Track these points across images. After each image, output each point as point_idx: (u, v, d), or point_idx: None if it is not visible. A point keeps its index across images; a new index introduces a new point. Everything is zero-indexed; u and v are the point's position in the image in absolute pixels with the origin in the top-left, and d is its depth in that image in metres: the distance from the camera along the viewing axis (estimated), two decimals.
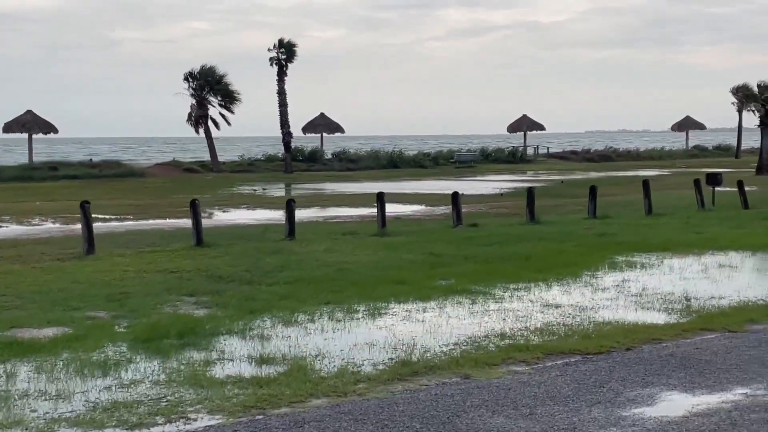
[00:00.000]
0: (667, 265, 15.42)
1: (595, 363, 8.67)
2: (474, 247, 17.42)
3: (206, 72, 60.65)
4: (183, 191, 43.30)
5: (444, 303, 11.94)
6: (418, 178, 58.18)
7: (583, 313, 11.33)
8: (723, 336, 9.86)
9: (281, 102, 61.00)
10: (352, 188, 46.39)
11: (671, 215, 24.35)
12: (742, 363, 8.48)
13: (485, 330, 10.30)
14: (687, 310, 11.41)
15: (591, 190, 24.15)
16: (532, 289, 13.07)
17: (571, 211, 27.41)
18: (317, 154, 69.31)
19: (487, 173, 64.39)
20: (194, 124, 60.67)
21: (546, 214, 26.69)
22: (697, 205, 26.27)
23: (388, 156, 71.08)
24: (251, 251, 16.68)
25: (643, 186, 25.38)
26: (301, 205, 34.72)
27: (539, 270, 14.60)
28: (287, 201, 19.60)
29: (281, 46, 60.45)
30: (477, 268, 14.77)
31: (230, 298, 12.00)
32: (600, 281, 13.76)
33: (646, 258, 16.24)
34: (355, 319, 10.91)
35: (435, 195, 40.45)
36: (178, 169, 59.46)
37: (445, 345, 9.58)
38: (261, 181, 53.65)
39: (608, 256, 16.28)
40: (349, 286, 13.02)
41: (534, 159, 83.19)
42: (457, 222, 21.49)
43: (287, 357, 8.95)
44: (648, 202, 24.97)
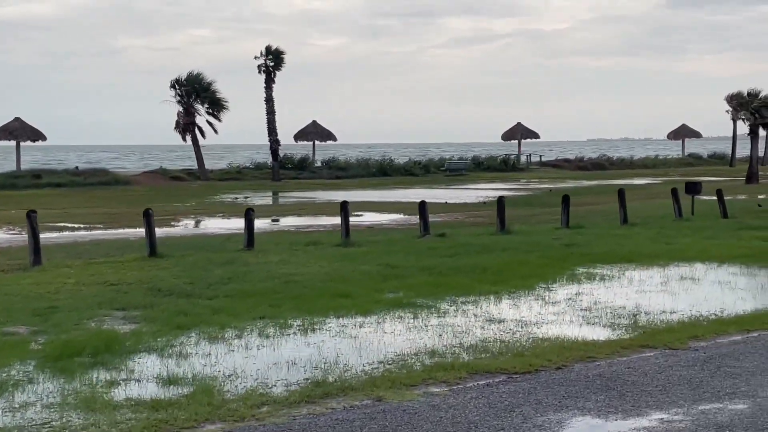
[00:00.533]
0: (627, 278, 14.99)
1: (518, 384, 8.23)
2: (434, 258, 17.00)
3: (193, 79, 60.25)
4: (164, 200, 42.92)
5: (384, 318, 11.51)
6: (407, 186, 57.77)
7: (525, 328, 10.90)
8: (661, 354, 9.43)
9: (269, 110, 60.61)
10: (336, 196, 45.95)
11: (646, 225, 23.91)
12: (669, 384, 8.04)
13: (418, 347, 9.87)
14: (633, 325, 10.99)
15: (564, 200, 23.72)
16: (481, 302, 12.64)
17: (548, 220, 27.00)
18: (307, 162, 68.92)
19: (477, 181, 64.01)
20: (181, 132, 60.26)
21: (522, 223, 26.32)
22: (674, 215, 25.84)
23: (378, 164, 70.67)
24: (202, 262, 16.25)
25: (619, 195, 24.96)
26: (277, 214, 34.40)
27: (494, 282, 14.17)
28: (246, 210, 19.18)
29: (269, 53, 60.08)
30: (431, 280, 14.34)
31: (161, 313, 11.57)
32: (553, 294, 13.33)
33: (608, 270, 15.82)
34: (285, 336, 10.48)
35: (415, 204, 40.05)
36: (165, 178, 59.03)
37: (370, 363, 9.15)
38: (247, 189, 53.26)
39: (570, 268, 15.86)
40: (290, 299, 12.59)
41: (526, 167, 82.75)
42: (424, 232, 21.06)
43: (198, 377, 8.51)
44: (623, 211, 24.54)
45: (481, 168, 77.01)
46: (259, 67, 60.12)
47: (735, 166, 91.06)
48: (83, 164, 78.42)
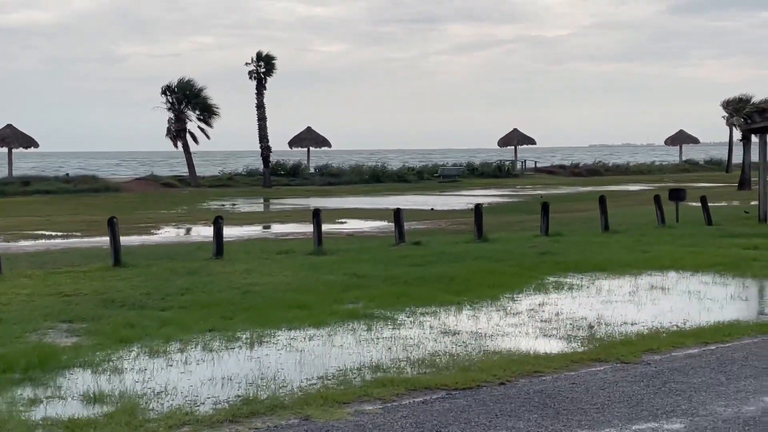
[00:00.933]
0: (596, 287, 14.69)
1: (454, 401, 7.93)
2: (403, 267, 16.70)
3: (184, 85, 60.03)
4: (151, 207, 42.66)
5: (336, 330, 11.21)
6: (399, 192, 57.49)
7: (479, 341, 10.60)
8: (611, 368, 9.12)
9: (260, 116, 60.35)
10: (325, 203, 45.67)
11: (627, 232, 23.61)
12: (609, 402, 7.74)
13: (363, 361, 9.57)
14: (590, 337, 10.68)
15: (543, 207, 23.41)
16: (440, 313, 12.34)
17: (530, 227, 26.65)
18: (299, 168, 68.67)
19: (469, 188, 63.72)
20: (172, 139, 60.00)
21: (504, 231, 26.03)
22: (657, 222, 25.53)
23: (371, 170, 70.40)
24: (165, 272, 15.95)
25: (600, 203, 24.65)
26: (261, 221, 34.09)
27: (458, 292, 13.88)
28: (215, 218, 18.88)
29: (260, 59, 59.84)
30: (394, 290, 14.03)
31: (107, 325, 11.27)
32: (516, 305, 13.03)
33: (579, 279, 15.52)
34: (230, 349, 10.17)
35: (406, 211, 39.72)
36: (156, 184, 58.76)
37: (309, 379, 8.85)
38: (238, 196, 53.00)
39: (540, 277, 15.57)
40: (245, 310, 12.29)
41: (521, 174, 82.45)
42: (399, 240, 20.76)
43: (125, 395, 8.21)
44: (604, 218, 24.25)
45: (475, 174, 76.72)
46: (250, 73, 59.90)
47: (731, 172, 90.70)
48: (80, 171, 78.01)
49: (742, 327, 11.23)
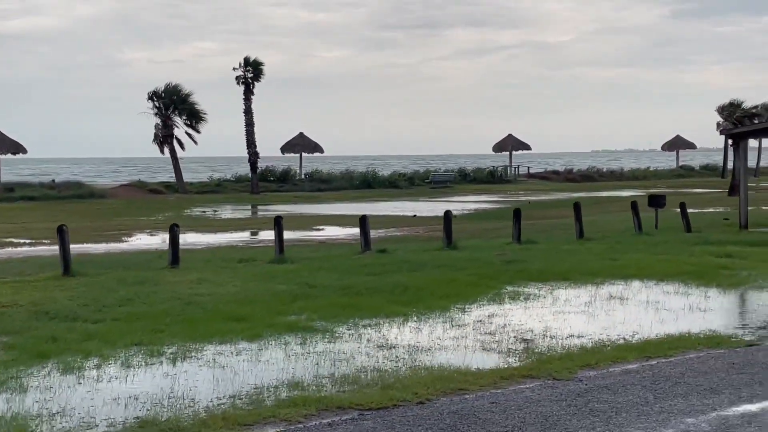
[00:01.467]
0: (554, 297, 14.23)
1: (362, 423, 7.48)
2: (360, 276, 16.24)
3: (171, 91, 59.63)
4: (133, 213, 42.25)
5: (269, 344, 10.75)
6: (388, 198, 57.10)
7: (414, 355, 10.14)
8: (540, 386, 8.66)
9: (248, 121, 59.94)
10: (309, 210, 45.29)
11: (602, 239, 23.16)
12: (521, 424, 7.28)
13: (285, 377, 9.11)
14: (530, 352, 10.22)
15: (515, 214, 22.97)
16: (383, 325, 11.89)
17: (506, 234, 26.16)
18: (289, 174, 68.26)
19: (460, 194, 63.31)
20: (159, 144, 59.59)
21: (478, 238, 25.60)
22: (634, 229, 25.08)
23: (362, 176, 69.97)
24: (112, 282, 15.49)
25: (574, 209, 24.20)
26: (238, 228, 33.62)
27: (409, 303, 13.43)
28: (170, 226, 18.44)
29: (247, 64, 59.45)
30: (343, 300, 13.57)
31: (30, 339, 10.81)
32: (465, 316, 12.57)
33: (538, 288, 15.06)
34: (149, 365, 9.72)
35: (386, 216, 39.38)
36: (143, 190, 58.35)
37: (220, 398, 8.39)
38: (224, 202, 52.59)
39: (498, 287, 15.12)
40: (181, 323, 11.84)
41: (514, 179, 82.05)
42: (365, 248, 20.30)
43: (18, 417, 7.75)
44: (579, 225, 23.79)
45: (467, 180, 76.35)
46: (238, 79, 59.46)
47: (726, 178, 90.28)
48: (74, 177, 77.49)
49: (692, 340, 10.78)
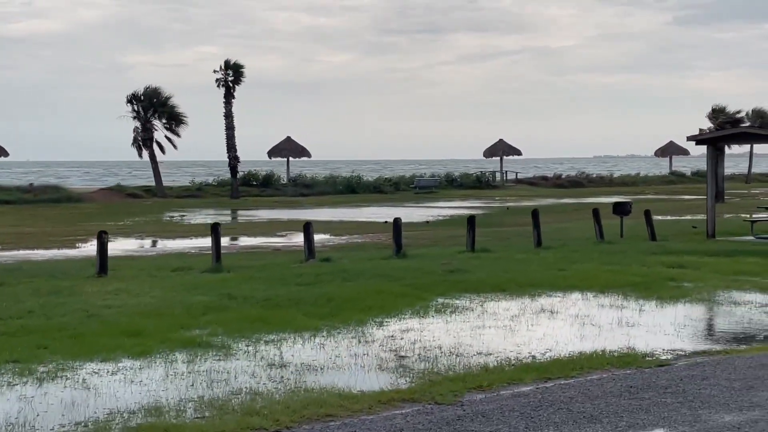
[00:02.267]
0: (482, 310, 13.59)
1: None
2: (290, 286, 15.58)
3: (151, 94, 59.00)
4: (102, 218, 41.60)
5: (153, 361, 10.10)
6: (369, 204, 56.41)
7: (302, 375, 9.50)
8: (416, 411, 8.01)
9: (228, 125, 59.28)
10: (283, 215, 44.65)
11: (559, 248, 22.50)
12: None
13: (148, 401, 8.47)
14: (425, 371, 9.57)
15: (469, 221, 22.31)
16: (286, 341, 11.24)
17: (463, 242, 25.58)
18: (272, 178, 67.60)
19: (444, 199, 62.68)
20: (138, 148, 58.94)
21: (437, 245, 24.93)
22: (596, 237, 24.45)
23: (346, 181, 69.31)
24: (25, 291, 14.84)
25: (532, 216, 23.56)
26: (196, 234, 32.90)
27: (326, 316, 12.79)
28: (98, 233, 17.78)
29: (227, 67, 58.82)
30: (257, 313, 12.92)
31: None
32: (378, 331, 11.92)
33: (469, 301, 14.42)
34: (12, 386, 9.06)
35: (357, 222, 38.75)
36: (121, 195, 57.70)
37: (64, 425, 7.76)
38: (201, 206, 51.92)
39: (429, 298, 14.47)
40: (70, 337, 11.19)
41: (502, 185, 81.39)
42: (308, 256, 19.65)
43: None
44: (537, 233, 23.14)
45: (453, 185, 75.68)
46: (218, 82, 58.85)
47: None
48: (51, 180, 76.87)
49: (603, 359, 10.13)
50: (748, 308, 13.79)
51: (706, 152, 26.37)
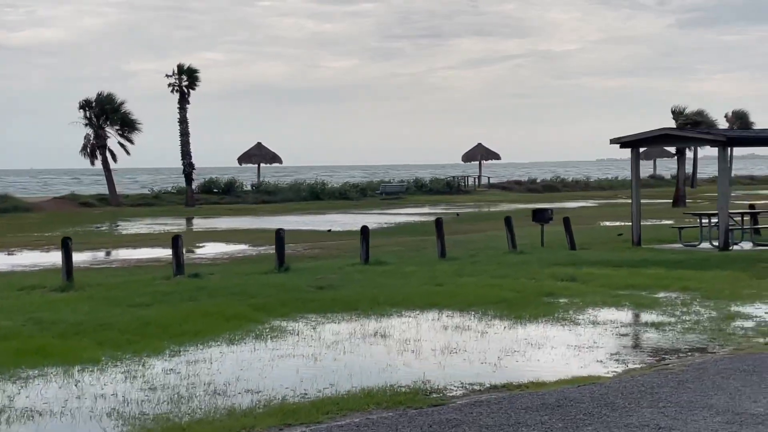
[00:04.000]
0: (309, 334, 12.22)
1: None
2: (121, 308, 14.17)
3: (103, 100, 57.59)
4: (38, 229, 40.17)
5: None
6: (326, 211, 54.94)
7: (9, 426, 8.12)
8: None
9: (182, 131, 57.86)
10: (225, 224, 43.21)
11: (463, 259, 21.12)
12: None
13: None
14: (152, 418, 8.18)
15: (362, 232, 20.90)
16: (48, 377, 9.87)
17: (387, 251, 24.18)
18: (234, 185, 66.19)
19: (408, 205, 61.30)
20: (89, 155, 57.51)
21: (338, 257, 23.38)
22: (508, 246, 23.06)
23: (310, 187, 67.87)
24: None
25: (436, 226, 22.15)
26: (114, 245, 31.51)
27: (123, 344, 11.45)
28: None
29: (181, 72, 57.41)
30: (43, 342, 11.50)
31: None
32: (163, 364, 10.54)
33: (306, 323, 13.06)
34: None
35: (299, 231, 37.33)
36: (74, 204, 56.25)
37: None
38: (150, 215, 50.46)
39: (264, 321, 13.11)
40: None
41: (474, 190, 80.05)
42: (176, 271, 18.24)
43: None
44: (440, 243, 21.75)
45: (423, 191, 74.31)
46: (171, 86, 57.41)
47: (695, 188, 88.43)
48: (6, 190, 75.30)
49: (377, 397, 8.73)
50: (604, 329, 12.41)
51: (630, 155, 24.98)
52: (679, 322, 12.79)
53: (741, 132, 23.87)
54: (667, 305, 14.27)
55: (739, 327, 12.37)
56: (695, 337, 11.74)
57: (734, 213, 26.51)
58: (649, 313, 13.63)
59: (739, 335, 11.84)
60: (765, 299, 14.75)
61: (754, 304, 14.35)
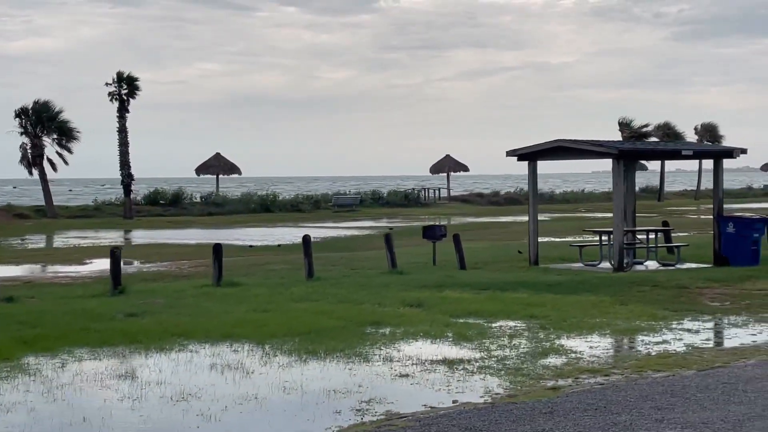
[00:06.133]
0: (52, 377, 10.61)
1: None
2: None
3: (40, 108, 55.85)
4: None
5: None
6: (270, 223, 53.27)
7: None
8: None
9: (121, 141, 56.08)
10: (153, 238, 41.53)
11: (329, 280, 19.50)
12: None
13: None
14: None
15: (214, 251, 19.28)
16: None
17: (273, 269, 22.63)
18: (181, 197, 64.47)
19: (358, 218, 59.71)
20: (27, 166, 55.77)
21: (199, 278, 21.64)
22: (388, 265, 21.47)
23: (261, 199, 66.18)
24: None
25: (303, 244, 20.52)
26: (10, 261, 29.81)
27: None
28: None
29: (120, 80, 55.71)
30: None
31: None
32: None
33: (63, 360, 11.49)
34: None
35: (209, 246, 35.66)
36: (8, 215, 54.43)
37: None
38: (81, 228, 48.75)
39: (17, 356, 11.51)
40: None
41: (433, 202, 78.43)
42: None
43: None
44: (308, 263, 20.13)
45: (379, 203, 72.65)
46: (111, 95, 55.70)
47: (662, 201, 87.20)
48: None
49: None
50: (389, 368, 10.80)
51: (528, 169, 23.43)
52: (483, 359, 11.22)
53: (634, 145, 22.37)
54: (492, 337, 12.70)
55: (542, 365, 10.81)
56: (476, 380, 10.16)
57: (641, 230, 25.05)
58: (461, 348, 12.05)
59: (531, 376, 10.28)
60: (605, 330, 13.21)
61: (588, 336, 12.80)
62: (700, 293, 17.08)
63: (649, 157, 24.65)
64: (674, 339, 12.55)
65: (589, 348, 11.93)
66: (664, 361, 10.93)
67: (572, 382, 9.97)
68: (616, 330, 13.21)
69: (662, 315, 14.49)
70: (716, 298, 16.51)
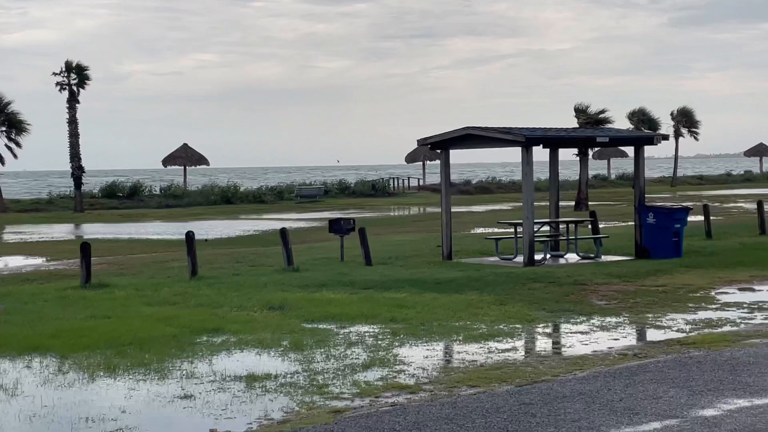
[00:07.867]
0: None
1: None
2: None
3: None
4: None
5: None
6: (226, 216, 51.90)
7: None
8: None
9: (71, 132, 54.67)
10: (104, 230, 40.24)
11: (210, 279, 18.24)
12: None
13: None
14: None
15: (82, 249, 17.92)
16: None
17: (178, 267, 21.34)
18: (138, 189, 63.11)
19: (319, 209, 58.38)
20: None
21: (127, 274, 20.39)
22: (284, 262, 20.20)
23: (222, 191, 64.81)
24: None
25: (186, 241, 19.21)
26: None
27: None
28: None
29: (69, 70, 54.25)
30: None
31: None
32: None
33: None
34: None
35: (144, 242, 34.40)
36: None
37: None
38: (27, 222, 47.40)
39: None
40: None
41: (402, 192, 77.15)
42: None
43: None
44: (190, 260, 18.84)
45: (345, 193, 71.38)
46: (60, 85, 54.23)
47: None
48: None
49: None
50: (167, 388, 9.51)
51: (440, 158, 22.16)
52: (295, 374, 9.95)
53: (542, 132, 21.05)
54: (329, 346, 11.43)
55: (353, 381, 9.53)
56: (263, 401, 8.88)
57: (562, 221, 23.81)
58: (284, 360, 10.76)
59: (329, 395, 9.01)
60: (459, 335, 11.93)
61: (436, 343, 11.56)
62: (594, 290, 15.84)
63: (562, 145, 23.38)
64: (524, 345, 11.30)
65: (423, 358, 10.66)
66: (490, 374, 9.65)
67: (367, 403, 8.69)
68: (471, 336, 11.93)
69: (534, 317, 13.25)
70: (607, 296, 15.26)
